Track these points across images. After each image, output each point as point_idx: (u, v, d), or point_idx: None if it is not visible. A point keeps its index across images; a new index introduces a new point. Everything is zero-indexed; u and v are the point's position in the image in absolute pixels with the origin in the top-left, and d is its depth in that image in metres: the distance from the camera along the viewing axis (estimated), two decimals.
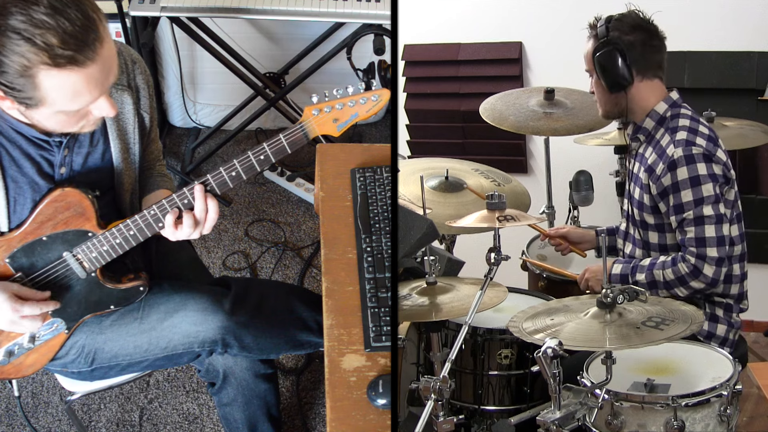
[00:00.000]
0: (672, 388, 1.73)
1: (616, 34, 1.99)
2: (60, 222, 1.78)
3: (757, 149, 2.79)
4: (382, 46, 2.92)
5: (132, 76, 1.89)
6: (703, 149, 1.94)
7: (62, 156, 1.79)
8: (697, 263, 1.95)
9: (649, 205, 2.05)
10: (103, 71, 1.57)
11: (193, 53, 3.71)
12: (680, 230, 1.98)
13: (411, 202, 2.06)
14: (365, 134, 3.95)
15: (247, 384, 2.10)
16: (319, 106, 1.76)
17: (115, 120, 1.85)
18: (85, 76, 1.54)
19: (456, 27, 3.30)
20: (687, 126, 1.99)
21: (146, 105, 1.93)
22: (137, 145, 1.91)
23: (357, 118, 1.79)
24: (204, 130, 3.92)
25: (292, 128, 1.77)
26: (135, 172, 1.94)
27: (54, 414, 2.68)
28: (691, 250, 1.96)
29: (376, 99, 1.77)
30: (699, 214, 1.94)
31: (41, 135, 1.74)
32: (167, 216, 1.77)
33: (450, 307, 1.82)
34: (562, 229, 2.39)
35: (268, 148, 1.77)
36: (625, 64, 1.99)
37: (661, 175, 1.97)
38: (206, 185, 1.77)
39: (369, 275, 1.90)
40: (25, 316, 1.75)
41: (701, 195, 1.93)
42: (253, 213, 3.54)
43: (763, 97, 2.90)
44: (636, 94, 2.04)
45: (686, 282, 1.97)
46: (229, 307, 1.95)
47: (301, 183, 3.62)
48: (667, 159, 1.96)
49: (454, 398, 2.06)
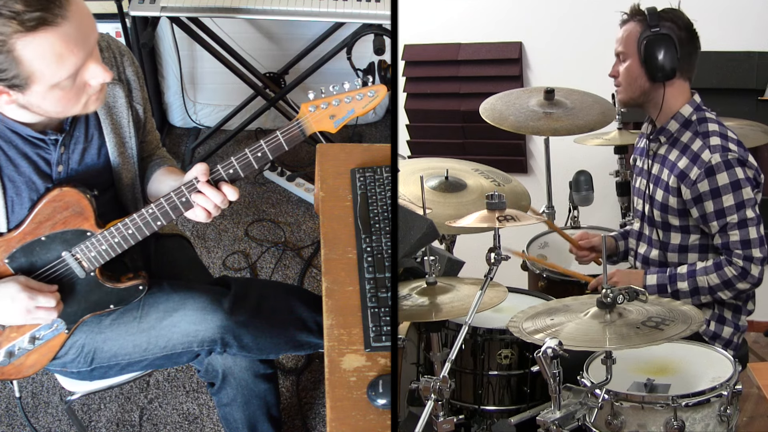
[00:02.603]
0: (672, 388, 1.73)
1: (669, 24, 1.98)
2: (59, 222, 1.78)
3: (757, 149, 2.79)
4: (382, 46, 2.92)
5: (122, 69, 1.88)
6: (737, 154, 1.96)
7: (59, 154, 1.79)
8: (745, 265, 1.96)
9: (676, 208, 2.04)
10: (80, 29, 1.55)
11: (193, 53, 3.71)
12: (722, 234, 1.99)
13: (411, 202, 2.06)
14: (365, 134, 3.95)
15: (247, 384, 2.10)
16: (315, 103, 1.76)
17: (108, 114, 1.84)
18: (61, 35, 1.52)
19: (456, 27, 3.30)
20: (717, 131, 1.99)
21: (138, 97, 1.92)
22: (133, 139, 1.90)
23: (354, 114, 1.78)
24: (204, 130, 3.92)
25: (288, 125, 1.76)
26: (134, 167, 1.93)
27: (54, 414, 2.68)
28: (737, 253, 1.97)
29: (373, 95, 1.76)
30: (743, 218, 1.95)
31: (37, 134, 1.74)
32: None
33: (450, 307, 1.82)
34: (591, 239, 2.35)
35: (265, 146, 1.77)
36: (674, 57, 1.97)
37: (697, 181, 1.96)
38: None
39: (369, 275, 1.90)
40: (40, 306, 1.75)
41: (742, 198, 1.95)
42: (253, 213, 3.54)
43: (763, 97, 2.90)
44: (671, 91, 2.02)
45: (733, 285, 1.98)
46: (229, 307, 1.95)
47: (301, 183, 3.62)
48: (703, 164, 1.95)
49: (454, 398, 2.06)
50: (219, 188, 1.77)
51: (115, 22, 3.17)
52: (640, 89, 2.04)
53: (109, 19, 3.19)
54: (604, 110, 2.62)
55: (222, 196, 1.77)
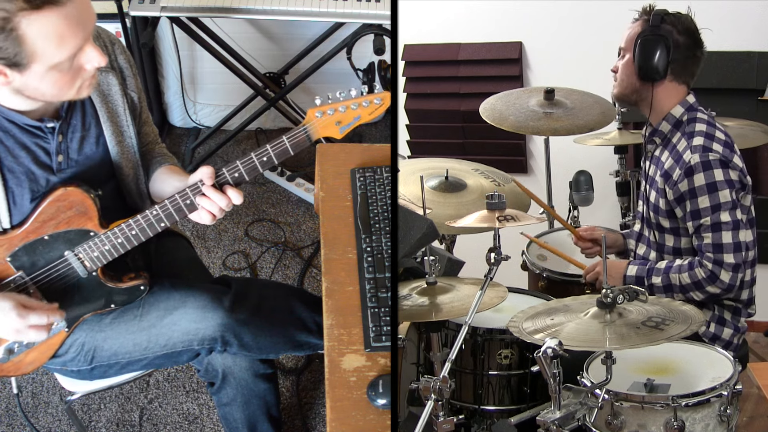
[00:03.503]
0: (672, 388, 1.73)
1: (668, 28, 1.99)
2: (62, 221, 1.78)
3: (757, 149, 2.79)
4: (382, 46, 2.92)
5: (113, 56, 1.88)
6: (719, 155, 1.94)
7: (57, 143, 1.78)
8: (714, 269, 1.95)
9: (664, 209, 2.04)
10: (81, 13, 1.58)
11: (193, 53, 3.71)
12: (697, 236, 1.98)
13: (411, 202, 2.06)
14: (365, 134, 3.95)
15: (246, 384, 2.10)
16: (322, 109, 1.77)
17: (104, 102, 1.85)
18: (65, 15, 1.54)
19: (456, 27, 3.30)
20: (704, 131, 1.99)
21: (133, 85, 1.93)
22: (131, 127, 1.90)
23: (360, 120, 1.80)
24: (204, 130, 3.92)
25: (295, 130, 1.77)
26: (134, 156, 1.93)
27: (54, 414, 2.68)
28: (708, 256, 1.96)
29: (379, 102, 1.78)
30: (716, 221, 1.94)
31: (34, 122, 1.74)
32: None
33: (450, 307, 1.82)
34: (594, 231, 2.33)
35: (271, 150, 1.77)
36: (666, 59, 1.98)
37: (678, 181, 1.97)
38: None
39: (369, 275, 1.90)
40: (32, 325, 1.74)
41: (718, 201, 1.93)
42: (253, 213, 3.54)
43: (763, 97, 2.90)
44: (661, 92, 2.03)
45: (702, 287, 1.97)
46: (229, 305, 1.95)
47: (301, 183, 3.62)
48: (684, 165, 1.96)
49: (454, 398, 2.06)
50: (224, 192, 1.77)
51: (115, 22, 3.17)
52: (632, 87, 2.05)
53: (109, 19, 3.20)
54: (604, 110, 2.62)
55: (227, 199, 1.78)
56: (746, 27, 2.87)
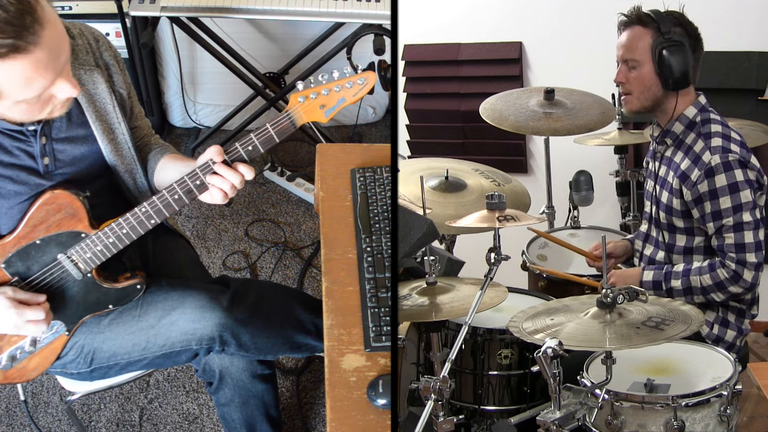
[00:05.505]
0: (672, 388, 1.73)
1: (680, 30, 1.96)
2: (53, 224, 1.77)
3: (757, 149, 2.78)
4: (382, 46, 2.92)
5: (98, 54, 1.85)
6: (738, 156, 1.94)
7: (41, 145, 1.76)
8: (737, 269, 1.95)
9: (679, 210, 2.04)
10: (51, 54, 1.53)
11: (193, 53, 3.71)
12: (718, 236, 1.98)
13: (411, 202, 2.06)
14: (365, 134, 3.95)
15: (244, 384, 2.10)
16: (304, 93, 1.74)
17: (91, 102, 1.82)
18: (32, 61, 1.50)
19: (456, 27, 3.30)
20: (720, 132, 1.98)
21: (120, 81, 1.90)
22: (123, 124, 1.88)
23: (345, 103, 1.76)
24: (204, 130, 3.92)
25: (278, 117, 1.75)
26: (129, 151, 1.91)
27: (54, 414, 2.68)
28: (731, 256, 1.96)
29: (363, 82, 1.74)
30: (738, 221, 1.95)
31: (13, 126, 1.71)
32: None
33: (450, 307, 1.82)
34: (600, 246, 2.29)
35: (255, 138, 1.76)
36: (691, 65, 1.96)
37: (697, 182, 1.96)
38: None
39: (369, 275, 1.90)
40: (29, 320, 1.74)
41: (740, 201, 1.94)
42: (253, 213, 3.54)
43: (763, 97, 2.90)
44: (681, 97, 2.01)
45: (725, 287, 1.98)
46: (228, 305, 1.95)
47: (301, 183, 3.62)
48: (703, 166, 1.95)
49: (454, 398, 2.06)
50: (235, 168, 1.75)
51: (115, 22, 3.17)
52: (653, 98, 2.02)
53: (109, 19, 3.20)
54: (604, 110, 2.62)
55: (240, 175, 1.76)
56: (746, 27, 2.87)
